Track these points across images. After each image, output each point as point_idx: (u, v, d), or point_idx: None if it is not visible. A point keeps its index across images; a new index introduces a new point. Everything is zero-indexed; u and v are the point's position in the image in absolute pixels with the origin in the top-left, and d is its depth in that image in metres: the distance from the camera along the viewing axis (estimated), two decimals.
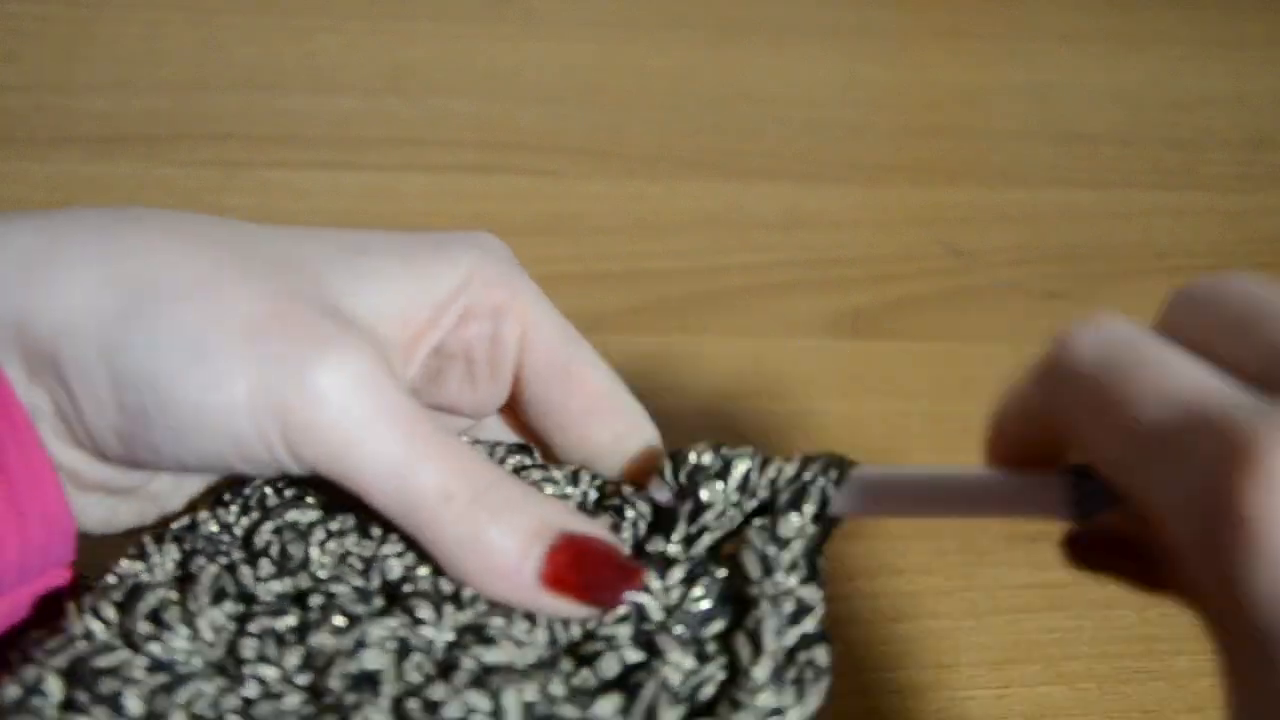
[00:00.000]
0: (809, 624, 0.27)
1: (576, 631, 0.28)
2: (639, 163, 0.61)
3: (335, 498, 0.29)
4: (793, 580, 0.27)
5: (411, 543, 0.28)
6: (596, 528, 0.29)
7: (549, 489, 0.30)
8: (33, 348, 0.27)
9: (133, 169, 0.57)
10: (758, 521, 0.28)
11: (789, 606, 0.27)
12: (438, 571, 0.28)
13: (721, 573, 0.28)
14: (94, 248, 0.27)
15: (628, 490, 0.31)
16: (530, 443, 0.33)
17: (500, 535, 0.27)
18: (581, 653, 0.28)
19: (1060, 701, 0.42)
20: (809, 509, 0.28)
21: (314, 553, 0.29)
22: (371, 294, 0.29)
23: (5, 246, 0.27)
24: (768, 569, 0.28)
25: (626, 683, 0.27)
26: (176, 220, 0.29)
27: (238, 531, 0.30)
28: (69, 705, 0.26)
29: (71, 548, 0.28)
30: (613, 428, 0.32)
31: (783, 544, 0.28)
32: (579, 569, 0.27)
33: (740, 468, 0.29)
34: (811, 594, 0.27)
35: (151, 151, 0.58)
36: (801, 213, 0.59)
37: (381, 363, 0.27)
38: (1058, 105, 0.66)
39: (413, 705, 0.26)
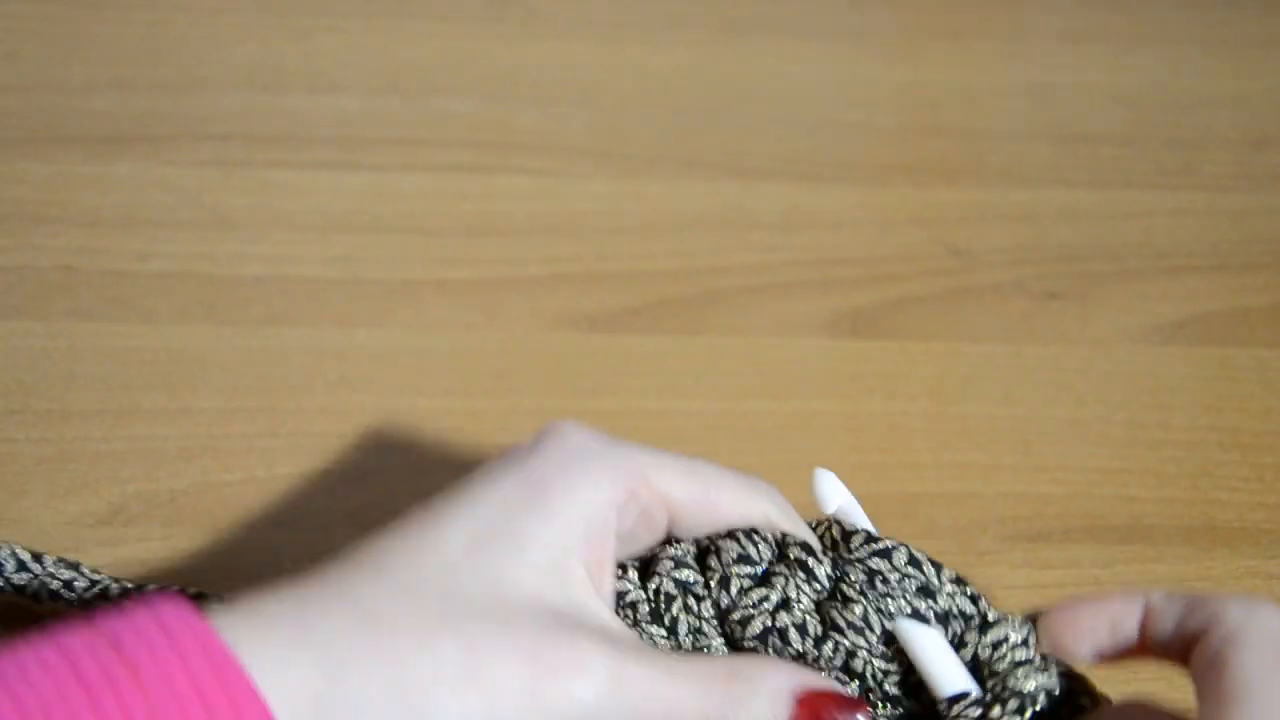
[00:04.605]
0: None
1: None
2: (639, 163, 0.61)
3: None
4: None
5: None
6: (814, 678, 0.35)
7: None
8: None
9: (132, 169, 0.57)
10: None
11: None
12: None
13: None
14: (373, 694, 0.31)
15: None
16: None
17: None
18: None
19: None
20: None
21: None
22: (557, 573, 0.34)
23: (285, 685, 0.30)
24: None
25: None
26: (411, 607, 0.32)
27: None
28: None
29: None
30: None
31: None
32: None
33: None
34: None
35: (151, 151, 0.58)
36: (801, 213, 0.59)
37: (608, 641, 0.33)
38: (1058, 105, 0.66)
39: None
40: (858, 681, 0.36)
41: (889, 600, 0.36)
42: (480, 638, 0.32)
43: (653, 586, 0.37)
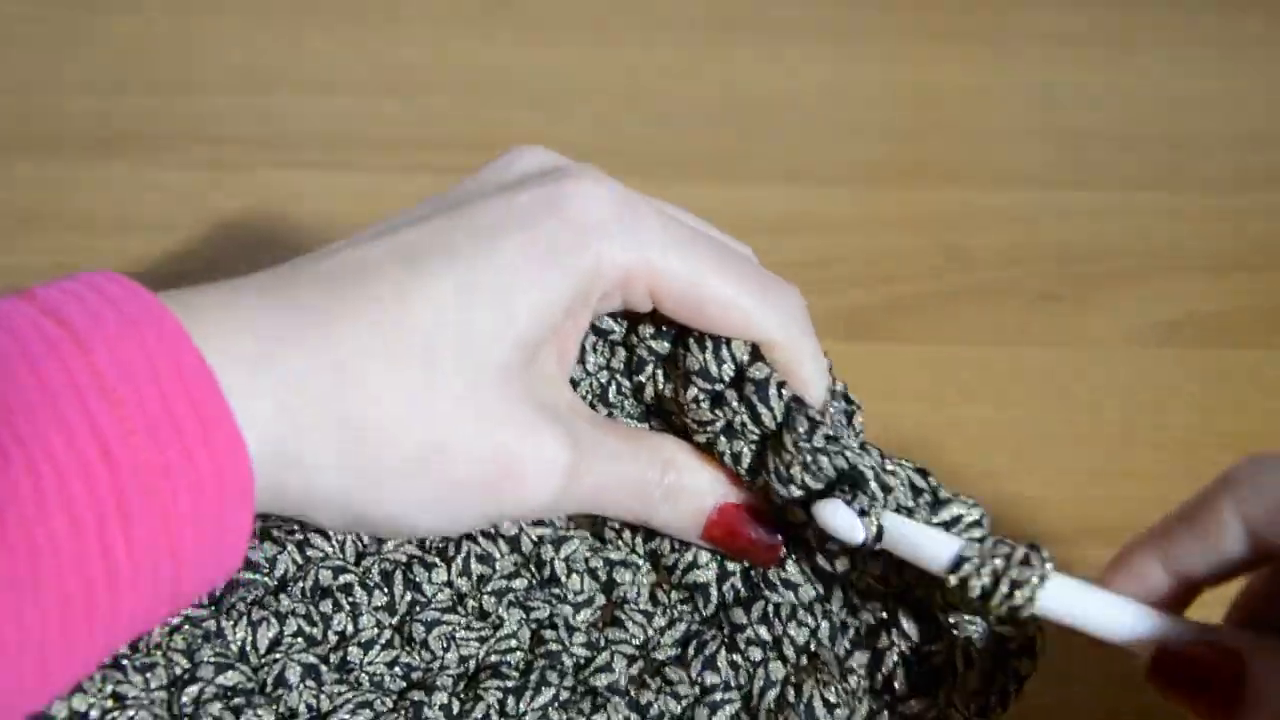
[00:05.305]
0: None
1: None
2: (638, 163, 0.61)
3: None
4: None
5: None
6: (744, 494, 0.36)
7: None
8: (282, 508, 0.32)
9: (125, 171, 0.57)
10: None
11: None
12: None
13: None
14: (331, 446, 0.31)
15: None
16: None
17: (672, 515, 0.35)
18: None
19: (1056, 701, 0.42)
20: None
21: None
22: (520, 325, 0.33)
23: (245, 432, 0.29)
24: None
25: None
26: (381, 348, 0.31)
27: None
28: None
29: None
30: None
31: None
32: (728, 535, 0.35)
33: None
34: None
35: (144, 153, 0.58)
36: (799, 214, 0.59)
37: (570, 440, 0.33)
38: (1056, 105, 0.66)
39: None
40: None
41: (823, 459, 0.34)
42: (452, 437, 0.32)
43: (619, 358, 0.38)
